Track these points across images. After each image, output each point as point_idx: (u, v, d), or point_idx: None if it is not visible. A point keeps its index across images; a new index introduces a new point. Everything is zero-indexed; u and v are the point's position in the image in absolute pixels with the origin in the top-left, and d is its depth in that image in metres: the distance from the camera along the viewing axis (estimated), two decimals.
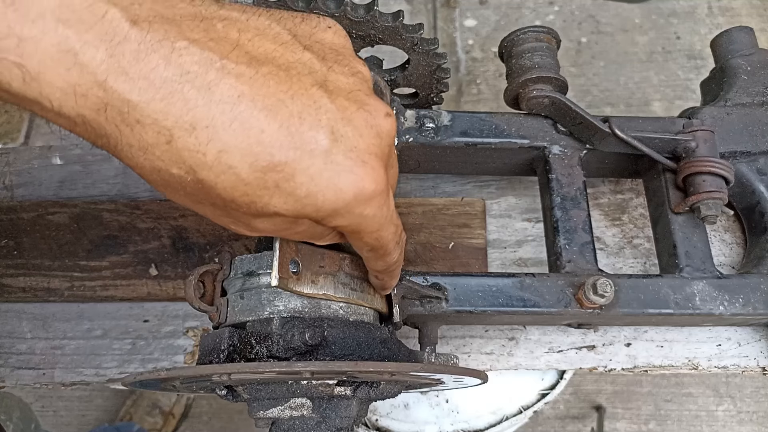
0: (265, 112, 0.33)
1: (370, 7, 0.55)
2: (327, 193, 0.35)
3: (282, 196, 0.34)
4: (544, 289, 0.60)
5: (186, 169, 0.33)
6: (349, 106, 0.36)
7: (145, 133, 0.32)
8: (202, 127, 0.32)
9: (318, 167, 0.34)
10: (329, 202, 0.35)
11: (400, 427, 0.82)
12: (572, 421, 1.69)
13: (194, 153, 0.32)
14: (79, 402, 1.73)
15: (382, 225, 0.39)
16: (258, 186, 0.34)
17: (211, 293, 0.54)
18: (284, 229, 0.39)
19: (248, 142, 0.32)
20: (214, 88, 0.32)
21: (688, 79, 1.91)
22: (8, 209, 0.77)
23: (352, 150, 0.35)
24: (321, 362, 0.45)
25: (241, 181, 0.33)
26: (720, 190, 0.62)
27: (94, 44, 0.30)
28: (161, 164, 0.33)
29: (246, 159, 0.33)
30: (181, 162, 0.33)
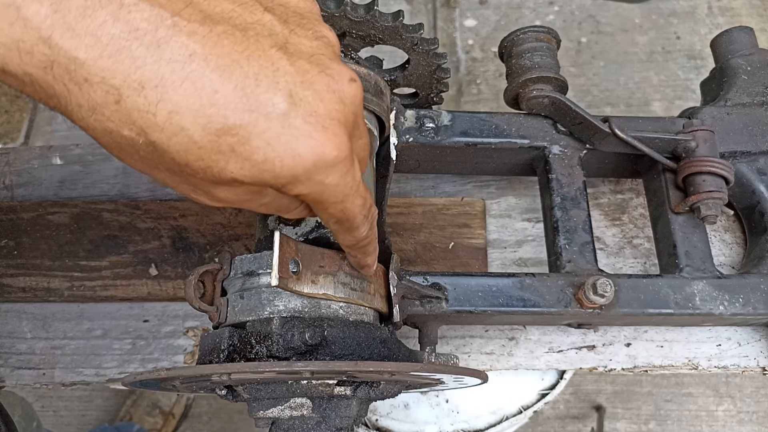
0: (219, 72, 0.31)
1: (370, 7, 0.55)
2: (285, 159, 0.33)
3: (238, 161, 0.33)
4: (544, 289, 0.60)
5: (137, 130, 0.32)
6: (310, 69, 0.34)
7: (93, 92, 0.31)
8: (151, 87, 0.31)
9: (275, 131, 0.33)
10: (287, 167, 0.34)
11: (400, 427, 0.82)
12: (572, 421, 1.69)
13: (144, 113, 0.31)
14: (79, 402, 1.73)
15: (347, 195, 0.38)
16: (212, 150, 0.32)
17: (211, 293, 0.54)
18: (248, 199, 0.38)
19: (200, 103, 0.31)
20: (163, 46, 0.31)
21: (688, 79, 1.91)
22: (8, 209, 0.77)
23: (312, 114, 0.34)
24: (321, 362, 0.45)
25: (195, 144, 0.32)
26: (720, 190, 0.62)
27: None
28: (111, 125, 0.32)
29: (198, 121, 0.31)
30: (131, 123, 0.31)
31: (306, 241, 0.53)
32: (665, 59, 1.94)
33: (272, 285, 0.43)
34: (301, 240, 0.53)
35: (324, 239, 0.54)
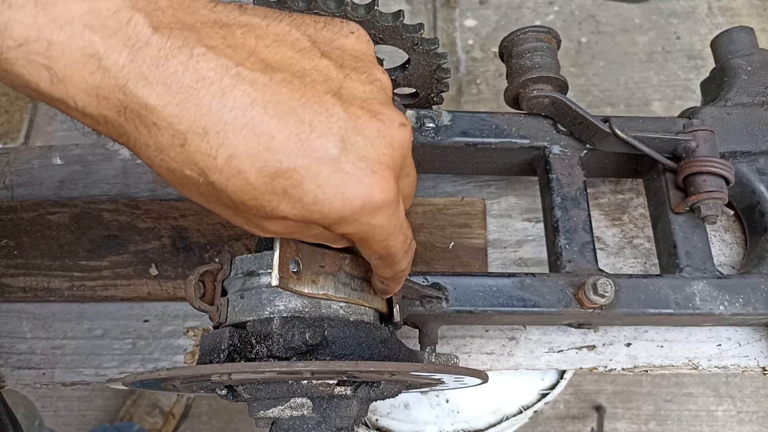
0: (276, 119, 0.33)
1: (371, 7, 0.55)
2: (334, 201, 0.35)
3: (290, 201, 0.35)
4: (544, 289, 0.60)
5: (198, 171, 0.34)
6: (361, 115, 0.36)
7: (161, 135, 0.33)
8: (213, 132, 0.33)
9: (326, 175, 0.35)
10: (336, 210, 0.36)
11: (400, 427, 0.82)
12: (572, 421, 1.69)
13: (206, 157, 0.33)
14: (79, 402, 1.73)
15: (391, 234, 0.40)
16: (266, 191, 0.35)
17: (212, 293, 0.54)
18: (296, 231, 0.40)
19: (258, 149, 0.33)
20: (227, 95, 0.33)
21: (688, 79, 1.91)
22: (8, 209, 0.77)
23: (362, 159, 0.35)
24: (321, 362, 0.45)
25: (250, 186, 0.34)
26: (720, 190, 0.62)
27: (117, 49, 0.31)
28: (175, 165, 0.34)
29: (255, 164, 0.34)
30: (193, 164, 0.34)
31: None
32: (665, 59, 1.95)
33: (273, 285, 0.43)
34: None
35: None
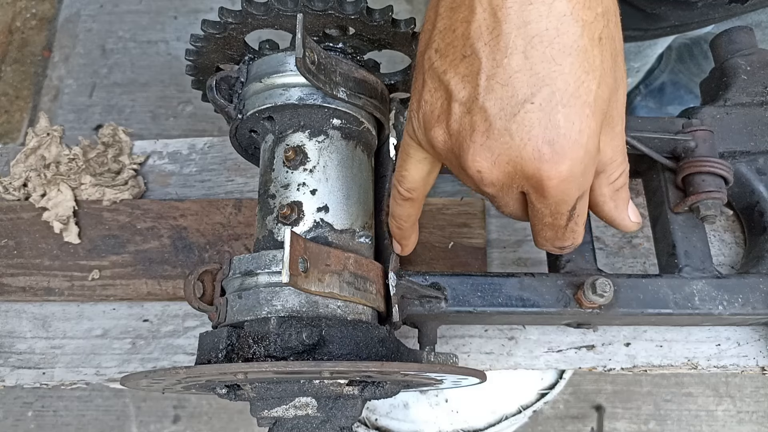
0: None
1: (386, 13, 0.56)
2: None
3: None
4: (543, 289, 0.60)
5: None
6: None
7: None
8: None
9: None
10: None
11: (400, 426, 0.82)
12: (572, 421, 1.69)
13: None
14: (79, 402, 1.73)
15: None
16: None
17: (211, 293, 0.54)
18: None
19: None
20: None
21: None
22: (8, 209, 0.77)
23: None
24: (349, 362, 0.45)
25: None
26: (719, 189, 0.62)
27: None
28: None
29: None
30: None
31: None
32: None
33: (283, 282, 0.43)
34: None
35: (322, 239, 0.54)
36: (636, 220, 0.48)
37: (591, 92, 0.38)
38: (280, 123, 0.58)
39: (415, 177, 0.48)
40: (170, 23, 2.16)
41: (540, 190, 0.40)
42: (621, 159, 0.44)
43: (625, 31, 0.48)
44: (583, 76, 0.38)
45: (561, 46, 0.37)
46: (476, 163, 0.40)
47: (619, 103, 0.42)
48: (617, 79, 0.41)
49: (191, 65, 0.63)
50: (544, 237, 0.46)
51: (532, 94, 0.37)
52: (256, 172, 0.75)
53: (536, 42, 0.37)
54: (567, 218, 0.43)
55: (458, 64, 0.40)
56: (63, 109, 2.05)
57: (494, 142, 0.39)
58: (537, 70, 0.37)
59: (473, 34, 0.39)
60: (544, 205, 0.42)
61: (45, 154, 0.78)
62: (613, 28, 0.40)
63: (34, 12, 2.22)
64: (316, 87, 0.55)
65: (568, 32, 0.37)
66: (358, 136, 0.60)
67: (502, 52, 0.38)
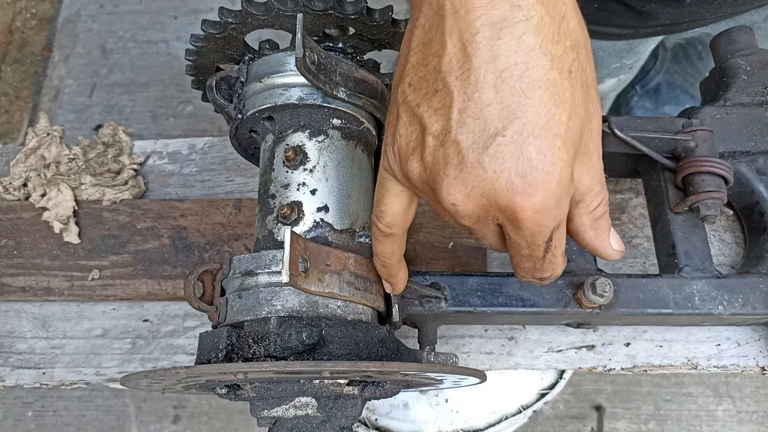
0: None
1: (386, 13, 0.56)
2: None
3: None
4: (543, 289, 0.60)
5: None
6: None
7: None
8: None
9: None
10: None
11: (400, 426, 0.82)
12: (572, 421, 1.69)
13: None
14: (79, 402, 1.73)
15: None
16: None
17: (211, 293, 0.54)
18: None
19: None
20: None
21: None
22: (8, 209, 0.77)
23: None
24: (349, 362, 0.45)
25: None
26: (719, 189, 0.62)
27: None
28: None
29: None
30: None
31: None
32: None
33: (283, 282, 0.43)
34: None
35: (322, 238, 0.54)
36: (618, 248, 0.48)
37: (562, 124, 0.38)
38: (280, 123, 0.58)
39: (395, 211, 0.48)
40: (170, 23, 2.16)
41: (515, 222, 0.40)
42: (599, 188, 0.45)
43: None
44: (553, 109, 0.38)
45: (530, 80, 0.38)
46: (450, 196, 0.40)
47: (593, 134, 0.43)
48: (589, 110, 0.41)
49: (191, 65, 0.63)
50: (523, 269, 0.46)
51: (503, 127, 0.38)
52: (256, 172, 0.75)
53: (506, 76, 0.37)
54: (544, 250, 0.43)
55: (431, 97, 0.40)
56: (63, 109, 2.05)
57: (467, 175, 0.39)
58: (508, 104, 0.38)
59: (444, 68, 0.39)
60: (520, 236, 0.42)
61: (45, 154, 0.78)
62: (583, 60, 0.40)
63: (34, 12, 2.22)
64: (316, 87, 0.55)
65: (537, 66, 0.38)
66: (358, 136, 0.60)
67: (473, 86, 0.38)
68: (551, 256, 0.44)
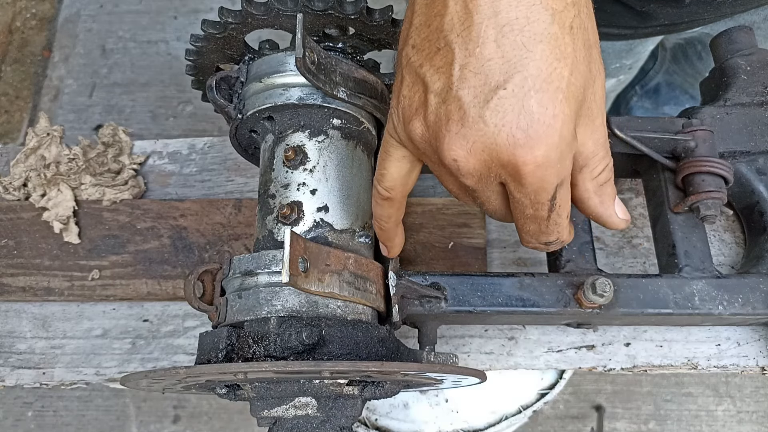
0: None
1: (385, 13, 0.56)
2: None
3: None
4: (543, 289, 0.60)
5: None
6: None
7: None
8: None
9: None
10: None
11: (400, 426, 0.82)
12: (572, 421, 1.69)
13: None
14: (79, 402, 1.73)
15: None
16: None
17: (211, 293, 0.54)
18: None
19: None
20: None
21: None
22: (8, 209, 0.77)
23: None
24: (349, 362, 0.45)
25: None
26: (719, 189, 0.62)
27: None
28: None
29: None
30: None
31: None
32: None
33: (283, 282, 0.43)
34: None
35: (322, 238, 0.54)
36: (624, 217, 0.48)
37: (563, 78, 0.38)
38: (280, 123, 0.58)
39: (395, 175, 0.48)
40: (170, 23, 2.16)
41: (517, 177, 0.40)
42: (603, 153, 0.44)
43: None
44: (555, 63, 0.38)
45: (532, 34, 0.38)
46: (452, 152, 0.40)
47: (597, 96, 0.42)
48: (592, 71, 0.41)
49: (191, 65, 0.63)
50: (528, 232, 0.46)
51: (504, 80, 0.38)
52: (256, 172, 0.75)
53: (507, 30, 0.38)
54: (548, 209, 0.43)
55: (433, 56, 0.40)
56: (63, 109, 2.05)
57: (469, 130, 0.39)
58: (509, 58, 0.38)
59: (446, 26, 0.39)
60: (523, 194, 0.41)
61: (45, 154, 0.78)
62: (584, 18, 0.40)
63: (34, 12, 2.22)
64: (316, 87, 0.55)
65: (539, 20, 0.38)
66: (358, 136, 0.60)
67: (474, 42, 0.38)
68: (556, 217, 0.44)
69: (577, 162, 0.43)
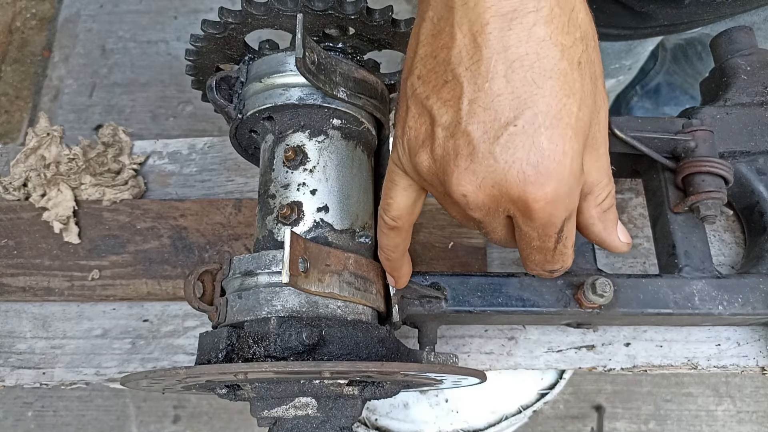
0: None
1: (386, 13, 0.56)
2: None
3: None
4: (543, 289, 0.60)
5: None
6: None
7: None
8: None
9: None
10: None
11: (400, 426, 0.82)
12: (572, 421, 1.69)
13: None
14: (79, 402, 1.73)
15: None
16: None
17: (211, 293, 0.54)
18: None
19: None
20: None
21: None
22: (8, 209, 0.77)
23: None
24: (349, 362, 0.45)
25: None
26: (719, 189, 0.62)
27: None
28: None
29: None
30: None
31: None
32: None
33: (283, 283, 0.43)
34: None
35: (322, 239, 0.54)
36: (626, 241, 0.48)
37: (573, 114, 0.38)
38: (280, 123, 0.58)
39: (401, 205, 0.48)
40: (170, 23, 2.16)
41: (526, 213, 0.40)
42: (606, 180, 0.45)
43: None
44: (564, 99, 0.38)
45: (541, 70, 0.37)
46: (461, 187, 0.40)
47: (601, 126, 0.43)
48: (597, 102, 0.41)
49: (191, 65, 0.63)
50: (534, 261, 0.46)
51: (514, 117, 0.38)
52: (256, 172, 0.75)
53: (517, 66, 0.37)
54: (555, 241, 0.43)
55: (440, 89, 0.40)
56: (63, 109, 2.05)
57: (478, 166, 0.39)
58: (519, 93, 0.38)
59: (454, 59, 0.39)
60: (532, 228, 0.42)
61: (45, 154, 0.78)
62: (591, 52, 0.40)
63: (34, 12, 2.22)
64: (316, 87, 0.55)
65: (548, 56, 0.38)
66: (358, 136, 0.60)
67: (483, 77, 0.38)
68: (562, 248, 0.44)
69: (581, 190, 0.44)
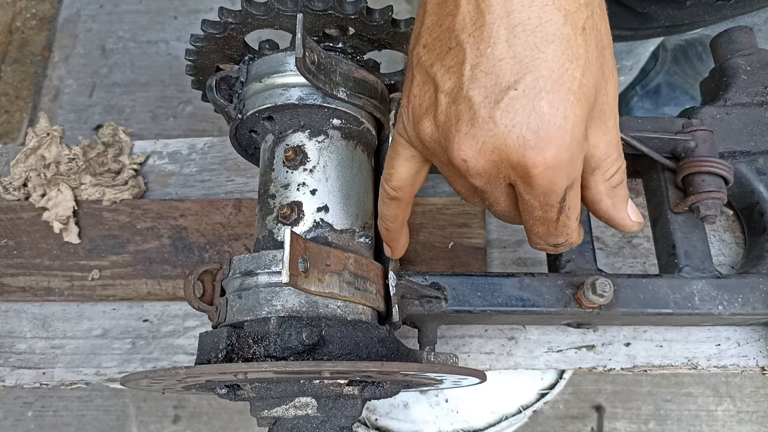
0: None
1: (385, 13, 0.56)
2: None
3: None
4: (543, 289, 0.60)
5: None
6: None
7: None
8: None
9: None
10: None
11: (400, 426, 0.82)
12: (572, 421, 1.69)
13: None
14: (79, 402, 1.73)
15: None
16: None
17: (211, 293, 0.54)
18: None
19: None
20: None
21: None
22: (8, 209, 0.77)
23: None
24: (349, 362, 0.45)
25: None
26: (719, 189, 0.62)
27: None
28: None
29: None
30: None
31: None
32: None
33: (283, 282, 0.43)
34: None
35: (322, 239, 0.54)
36: (636, 220, 0.47)
37: (575, 79, 0.38)
38: (280, 123, 0.58)
39: (403, 175, 0.48)
40: (170, 23, 2.16)
41: (527, 179, 0.40)
42: (616, 155, 0.44)
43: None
44: (566, 64, 0.38)
45: (544, 34, 0.37)
46: (461, 152, 0.40)
47: (609, 97, 0.42)
48: (605, 72, 0.41)
49: (191, 65, 0.63)
50: (537, 233, 0.45)
51: (515, 81, 0.38)
52: (256, 172, 0.75)
53: (519, 31, 0.37)
54: (557, 210, 0.42)
55: (444, 56, 0.40)
56: (63, 109, 2.05)
57: (479, 131, 0.39)
58: (520, 58, 0.37)
59: (458, 26, 0.39)
60: (533, 195, 0.41)
61: (45, 154, 0.78)
62: (597, 19, 0.40)
63: (34, 12, 2.22)
64: (316, 87, 0.55)
65: (551, 21, 0.38)
66: (358, 136, 0.60)
67: (485, 42, 0.38)
68: (565, 219, 0.43)
69: (589, 164, 0.43)
